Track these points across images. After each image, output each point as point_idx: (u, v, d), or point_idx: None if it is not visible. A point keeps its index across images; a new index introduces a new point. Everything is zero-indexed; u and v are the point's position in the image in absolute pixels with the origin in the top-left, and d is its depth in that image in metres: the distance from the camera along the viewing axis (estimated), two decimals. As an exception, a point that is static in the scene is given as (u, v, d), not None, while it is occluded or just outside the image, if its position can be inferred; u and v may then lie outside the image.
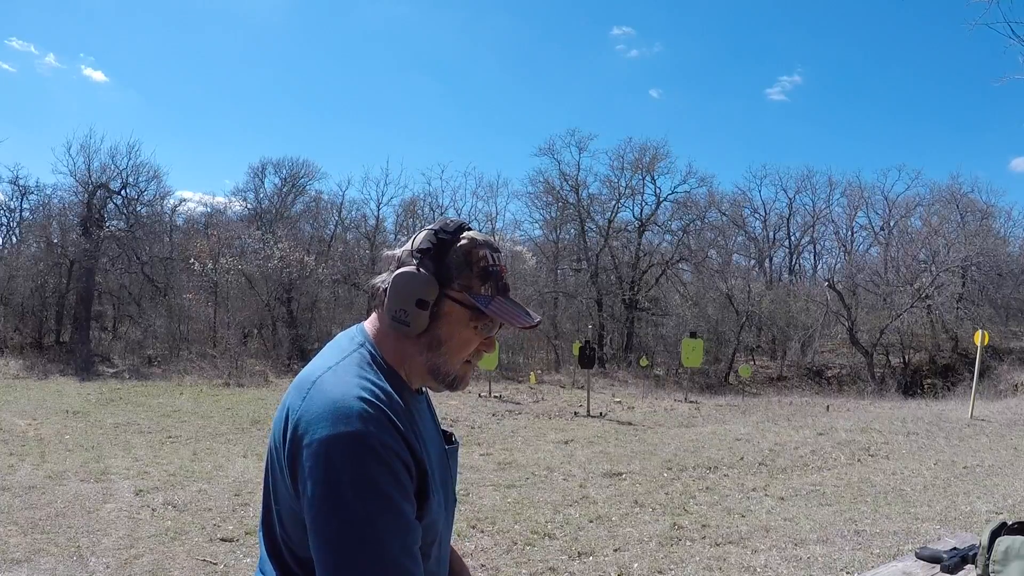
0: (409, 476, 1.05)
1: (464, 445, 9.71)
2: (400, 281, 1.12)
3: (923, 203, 34.08)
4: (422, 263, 1.14)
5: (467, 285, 1.15)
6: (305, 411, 1.05)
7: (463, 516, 5.66)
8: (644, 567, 4.54)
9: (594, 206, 31.57)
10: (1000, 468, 8.03)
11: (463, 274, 1.15)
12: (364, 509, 0.98)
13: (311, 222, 34.59)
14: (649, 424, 12.57)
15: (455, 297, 1.14)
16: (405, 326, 1.13)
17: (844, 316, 26.26)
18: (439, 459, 1.23)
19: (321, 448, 1.00)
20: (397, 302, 1.12)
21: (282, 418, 1.09)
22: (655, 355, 28.25)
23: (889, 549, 4.83)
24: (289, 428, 1.05)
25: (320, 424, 1.02)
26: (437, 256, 1.14)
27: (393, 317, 1.13)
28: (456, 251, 1.15)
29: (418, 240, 1.17)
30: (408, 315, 1.12)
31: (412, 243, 1.17)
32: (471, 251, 1.16)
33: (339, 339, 1.21)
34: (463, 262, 1.15)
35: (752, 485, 7.12)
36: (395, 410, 1.07)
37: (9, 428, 10.01)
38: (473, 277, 1.15)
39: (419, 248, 1.15)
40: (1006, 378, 21.99)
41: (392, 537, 0.99)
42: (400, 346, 1.16)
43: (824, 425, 11.66)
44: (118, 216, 26.77)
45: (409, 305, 1.12)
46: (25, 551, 4.63)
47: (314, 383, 1.08)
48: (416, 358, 1.16)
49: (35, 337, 24.64)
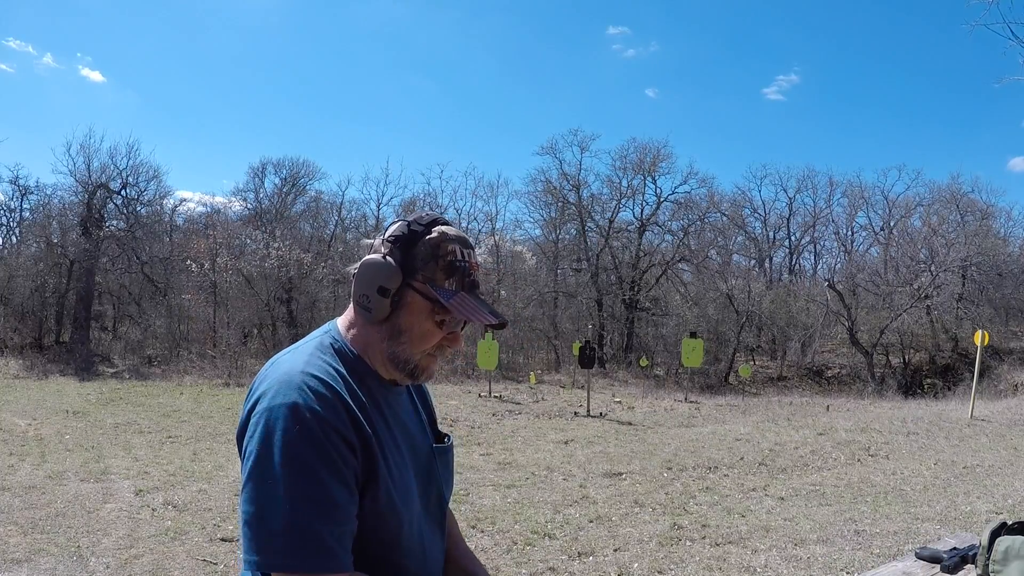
0: (352, 453, 1.08)
1: (464, 445, 9.69)
2: (365, 267, 1.16)
3: (923, 203, 34.14)
4: (390, 252, 1.16)
5: (431, 277, 1.16)
6: (257, 387, 1.13)
7: (463, 516, 5.66)
8: (644, 567, 4.54)
9: (594, 206, 31.59)
10: (1000, 468, 8.03)
11: (428, 266, 1.16)
12: (287, 478, 1.02)
13: (311, 222, 34.60)
14: (649, 424, 12.57)
15: (418, 288, 1.15)
16: (368, 312, 1.17)
17: (844, 316, 26.25)
18: (413, 451, 1.24)
19: (261, 417, 1.06)
20: (361, 287, 1.16)
21: (248, 392, 1.17)
22: (655, 355, 28.25)
23: (889, 549, 4.83)
24: (246, 404, 1.13)
25: (265, 396, 1.08)
26: (405, 246, 1.16)
27: (357, 302, 1.18)
28: (425, 243, 1.16)
29: (391, 230, 1.19)
30: (370, 300, 1.15)
31: (385, 232, 1.20)
32: (440, 244, 1.17)
33: (315, 330, 1.28)
34: (430, 255, 1.16)
35: (752, 485, 7.12)
36: (346, 390, 1.11)
37: (9, 428, 10.01)
38: (438, 270, 1.16)
39: (390, 237, 1.17)
40: (1006, 378, 21.99)
41: (306, 509, 1.02)
42: (365, 332, 1.20)
43: (824, 425, 11.66)
44: (118, 216, 26.78)
45: (371, 291, 1.15)
46: (25, 551, 4.63)
47: (272, 363, 1.17)
48: (379, 345, 1.19)
49: (35, 337, 24.63)
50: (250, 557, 1.04)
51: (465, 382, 20.58)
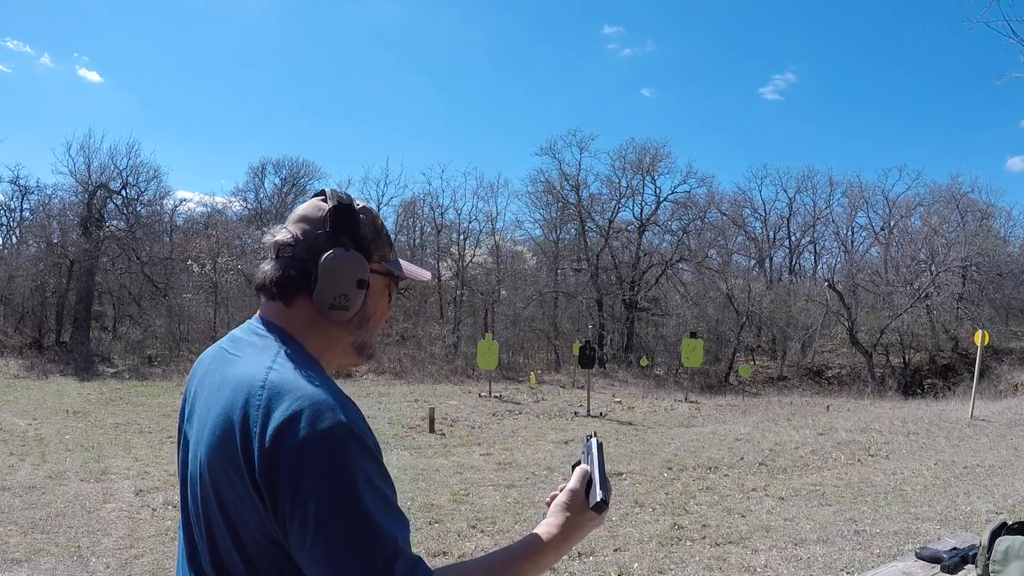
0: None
1: (464, 445, 9.72)
2: (338, 265, 1.05)
3: (923, 203, 34.11)
4: (339, 241, 1.07)
5: (383, 255, 1.14)
6: (275, 416, 0.92)
7: (463, 516, 5.66)
8: (644, 567, 4.54)
9: (594, 206, 31.60)
10: (1000, 468, 8.03)
11: (376, 243, 1.12)
12: (369, 502, 0.90)
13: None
14: (649, 424, 12.57)
15: (376, 269, 1.12)
16: (344, 311, 1.07)
17: (844, 316, 26.25)
18: None
19: (316, 445, 0.89)
20: (336, 288, 1.05)
21: (229, 431, 0.95)
22: (655, 355, 28.26)
23: (889, 549, 4.83)
24: (256, 439, 0.92)
25: (304, 423, 0.90)
26: (352, 231, 1.09)
27: (331, 305, 1.06)
28: (364, 222, 1.11)
29: (319, 219, 1.08)
30: (348, 299, 1.06)
31: (305, 224, 1.09)
32: (375, 219, 1.14)
33: (244, 338, 1.09)
34: (374, 232, 1.12)
35: (752, 485, 7.12)
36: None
37: (9, 428, 10.01)
38: (384, 244, 1.14)
39: (332, 227, 1.07)
40: (1006, 378, 22.00)
41: (392, 524, 0.91)
42: (328, 334, 1.10)
43: (824, 425, 11.66)
44: (118, 216, 26.78)
45: (350, 288, 1.06)
46: (25, 551, 4.63)
47: (264, 387, 0.95)
48: (344, 340, 1.11)
49: (35, 337, 24.62)
50: None
51: (465, 382, 20.58)
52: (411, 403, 14.45)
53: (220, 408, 0.98)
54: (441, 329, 27.03)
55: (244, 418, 0.94)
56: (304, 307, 1.07)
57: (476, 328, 28.96)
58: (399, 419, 11.91)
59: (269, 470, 0.90)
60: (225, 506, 0.96)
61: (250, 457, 0.92)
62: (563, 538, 1.10)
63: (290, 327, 1.08)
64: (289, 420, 0.91)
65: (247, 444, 0.92)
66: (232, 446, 0.94)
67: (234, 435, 0.94)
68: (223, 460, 0.95)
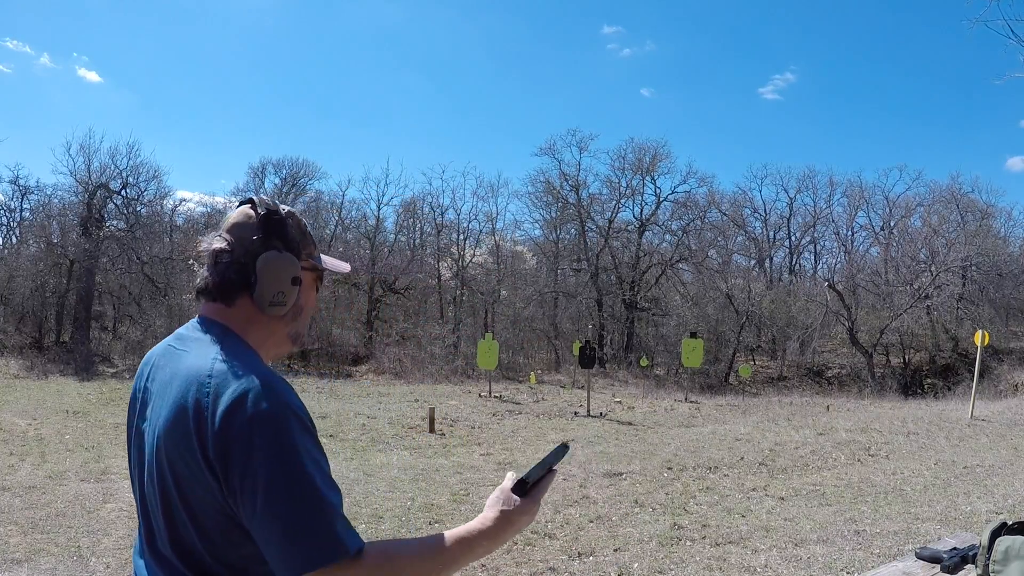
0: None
1: (464, 445, 9.72)
2: (272, 265, 1.18)
3: (923, 203, 34.11)
4: (272, 244, 1.20)
5: (309, 253, 1.28)
6: (224, 400, 1.03)
7: (463, 516, 5.66)
8: (644, 567, 4.54)
9: (594, 206, 31.58)
10: (1000, 468, 8.03)
11: (303, 242, 1.26)
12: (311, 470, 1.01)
13: (311, 222, 34.33)
14: (649, 424, 12.57)
15: (306, 266, 1.26)
16: (282, 306, 1.20)
17: (844, 316, 26.25)
18: None
19: (262, 422, 1.01)
20: (274, 286, 1.18)
21: (183, 417, 1.05)
22: (655, 355, 28.26)
23: (889, 549, 4.83)
24: (208, 421, 1.02)
25: (251, 404, 1.02)
26: (281, 234, 1.22)
27: (271, 302, 1.19)
28: (290, 224, 1.24)
29: (252, 225, 1.20)
30: (285, 295, 1.20)
31: (239, 231, 1.20)
32: (299, 221, 1.27)
33: (190, 335, 1.19)
34: (300, 232, 1.26)
35: (752, 485, 7.12)
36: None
37: (9, 428, 10.01)
38: (309, 243, 1.28)
39: (264, 232, 1.20)
40: (1006, 378, 22.00)
41: (330, 491, 1.03)
42: (268, 328, 1.23)
43: (824, 425, 11.66)
44: (118, 216, 26.77)
45: (286, 286, 1.20)
46: (25, 551, 4.63)
47: (212, 375, 1.06)
48: (281, 331, 1.25)
49: (35, 337, 24.63)
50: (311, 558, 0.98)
51: (465, 382, 20.58)
52: (411, 403, 14.46)
53: (173, 398, 1.09)
54: (441, 329, 27.03)
55: (196, 404, 1.05)
56: (244, 306, 1.20)
57: (476, 328, 28.97)
58: (399, 419, 11.91)
59: (222, 447, 1.01)
60: (183, 487, 1.06)
61: (203, 438, 1.02)
62: (496, 529, 1.17)
63: (231, 323, 1.19)
64: (236, 403, 1.02)
65: (201, 426, 1.03)
66: (187, 430, 1.04)
67: (188, 420, 1.05)
68: (179, 444, 1.05)
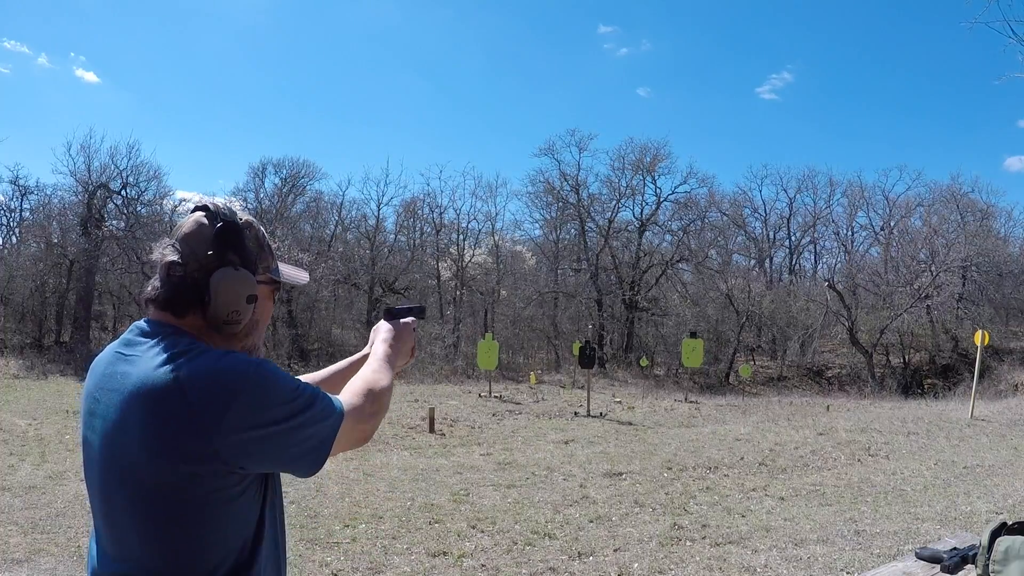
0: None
1: (464, 445, 9.72)
2: (226, 283, 1.10)
3: (923, 203, 34.11)
4: (227, 259, 1.12)
5: (267, 266, 1.21)
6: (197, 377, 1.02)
7: (463, 516, 5.66)
8: (644, 567, 4.54)
9: (594, 206, 31.60)
10: (1000, 468, 8.03)
11: (261, 256, 1.19)
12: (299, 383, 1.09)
13: (311, 222, 34.51)
14: (649, 424, 12.57)
15: (263, 279, 1.19)
16: (236, 325, 1.14)
17: (844, 316, 26.25)
18: None
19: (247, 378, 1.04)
20: (229, 305, 1.11)
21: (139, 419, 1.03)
22: (655, 355, 28.26)
23: (889, 549, 4.83)
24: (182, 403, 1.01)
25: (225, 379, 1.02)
26: (237, 248, 1.14)
27: (226, 321, 1.12)
28: (248, 238, 1.17)
29: (207, 237, 1.12)
30: (240, 314, 1.13)
31: (192, 243, 1.12)
32: (258, 233, 1.19)
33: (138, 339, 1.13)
34: (258, 245, 1.19)
35: (752, 485, 7.12)
36: None
37: (9, 428, 10.01)
38: (267, 256, 1.21)
39: (219, 246, 1.12)
40: (1006, 378, 22.00)
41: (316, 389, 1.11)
42: (224, 345, 1.15)
43: (824, 425, 11.66)
44: (118, 216, 26.77)
45: (241, 305, 1.12)
46: (25, 551, 4.63)
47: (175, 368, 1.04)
48: (234, 347, 1.17)
49: (35, 337, 24.63)
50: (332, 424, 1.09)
51: (465, 382, 20.58)
52: (411, 403, 14.45)
53: (125, 401, 1.05)
54: (441, 329, 27.02)
55: (161, 393, 1.02)
56: (195, 321, 1.13)
57: (476, 328, 28.97)
58: (399, 419, 11.91)
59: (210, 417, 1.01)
60: (138, 480, 1.05)
61: (188, 426, 1.00)
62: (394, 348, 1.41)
63: (183, 328, 1.15)
64: (209, 374, 1.03)
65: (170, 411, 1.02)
66: (146, 423, 1.02)
67: (147, 414, 1.02)
68: (134, 443, 1.04)
